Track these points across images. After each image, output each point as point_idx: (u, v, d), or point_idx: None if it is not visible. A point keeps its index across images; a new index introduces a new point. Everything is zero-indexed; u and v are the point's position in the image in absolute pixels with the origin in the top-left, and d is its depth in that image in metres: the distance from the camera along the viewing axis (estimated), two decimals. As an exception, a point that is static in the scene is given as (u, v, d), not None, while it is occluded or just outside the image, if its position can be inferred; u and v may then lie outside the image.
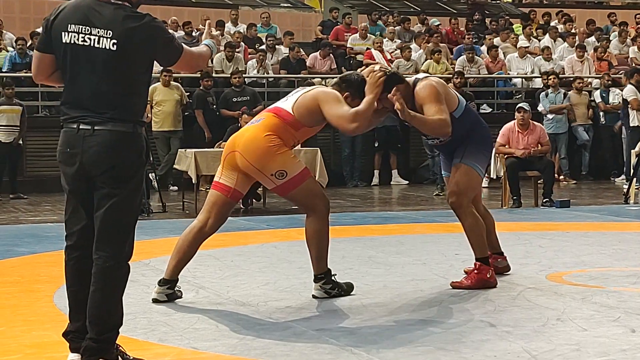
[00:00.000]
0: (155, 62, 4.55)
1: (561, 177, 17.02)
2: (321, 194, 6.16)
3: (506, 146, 12.77)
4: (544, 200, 12.53)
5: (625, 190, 13.57)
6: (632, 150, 14.44)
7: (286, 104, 6.20)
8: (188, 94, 16.29)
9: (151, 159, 13.03)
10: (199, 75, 16.38)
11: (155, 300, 6.05)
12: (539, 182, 12.97)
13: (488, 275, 6.48)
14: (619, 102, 17.28)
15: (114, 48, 4.33)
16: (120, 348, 4.47)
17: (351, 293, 6.21)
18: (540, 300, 6.02)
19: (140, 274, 6.98)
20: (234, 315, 5.63)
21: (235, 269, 7.37)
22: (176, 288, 6.15)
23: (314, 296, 6.14)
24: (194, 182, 12.53)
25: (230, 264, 7.61)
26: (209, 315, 5.62)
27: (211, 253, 8.10)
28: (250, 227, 10.42)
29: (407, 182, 17.08)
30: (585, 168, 17.84)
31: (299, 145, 6.34)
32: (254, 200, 13.35)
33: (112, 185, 4.36)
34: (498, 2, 26.60)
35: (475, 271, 6.49)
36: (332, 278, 6.20)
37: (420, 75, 6.70)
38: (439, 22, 21.58)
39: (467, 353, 4.66)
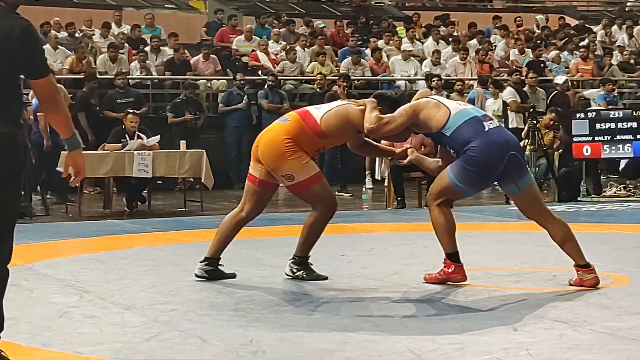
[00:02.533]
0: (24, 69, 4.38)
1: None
2: (327, 198, 6.70)
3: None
4: (428, 201, 12.66)
5: (506, 191, 13.81)
6: (513, 152, 14.70)
7: (317, 112, 6.69)
8: (71, 95, 16.03)
9: (33, 160, 12.78)
10: (82, 77, 16.16)
11: (196, 275, 6.75)
12: (422, 183, 13.12)
13: (455, 274, 6.58)
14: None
15: None
16: (3, 353, 4.38)
17: (320, 280, 6.71)
18: (424, 299, 6.10)
19: (22, 278, 6.85)
20: (118, 319, 5.56)
21: (120, 272, 7.29)
22: (220, 266, 6.81)
23: (285, 273, 6.81)
24: (77, 184, 12.33)
25: (115, 267, 7.52)
26: (94, 320, 5.54)
27: (95, 256, 8.01)
28: (135, 229, 10.31)
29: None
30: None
31: (316, 153, 6.94)
32: (139, 202, 13.22)
33: (-10, 187, 4.26)
34: (382, 5, 26.84)
35: (446, 266, 6.62)
36: (306, 263, 6.83)
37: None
38: (324, 25, 21.69)
39: (352, 353, 4.69)
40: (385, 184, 13.31)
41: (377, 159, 14.06)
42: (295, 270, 6.80)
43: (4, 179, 4.29)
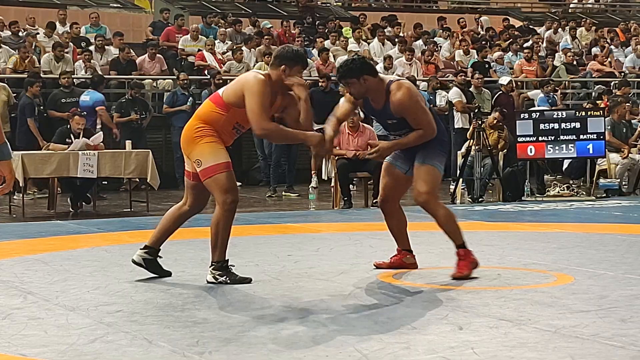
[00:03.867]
0: None
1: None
2: (230, 189, 6.47)
3: (337, 148, 12.92)
4: (374, 201, 12.73)
5: (452, 191, 13.92)
6: (458, 152, 14.82)
7: (222, 88, 6.64)
8: (15, 94, 15.87)
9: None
10: (25, 77, 16.00)
11: (133, 261, 6.81)
12: (369, 183, 13.17)
13: (473, 257, 6.81)
14: (446, 104, 17.73)
15: None
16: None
17: (245, 283, 6.58)
18: (371, 299, 6.11)
19: (-35, 280, 6.78)
20: (63, 321, 5.51)
21: (65, 273, 7.23)
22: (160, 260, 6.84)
23: (207, 281, 6.61)
24: (21, 185, 12.23)
25: (60, 268, 7.46)
26: (38, 321, 5.49)
27: (39, 257, 7.93)
28: (80, 230, 10.24)
29: (240, 183, 17.04)
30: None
31: (233, 133, 6.64)
32: (83, 203, 13.13)
33: None
34: (328, 5, 26.89)
35: (462, 258, 6.77)
36: (226, 266, 6.63)
37: (393, 77, 7.01)
38: (270, 25, 21.68)
39: (300, 354, 4.69)
40: (332, 184, 13.34)
41: (324, 160, 14.07)
42: (217, 276, 6.62)
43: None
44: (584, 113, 14.26)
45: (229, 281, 6.59)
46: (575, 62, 21.82)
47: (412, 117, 6.69)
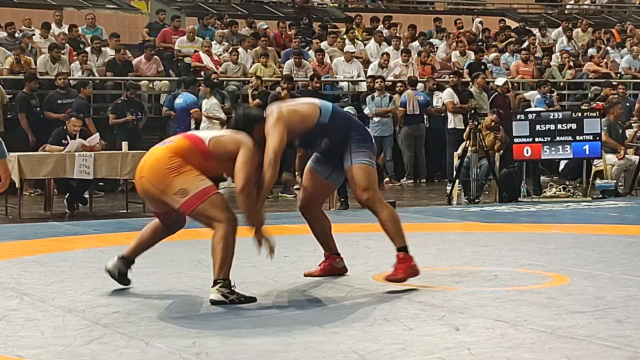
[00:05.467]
0: None
1: (386, 179, 17.33)
2: (229, 206, 6.12)
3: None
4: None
5: (448, 192, 13.93)
6: (455, 152, 14.83)
7: (203, 133, 6.33)
8: (10, 96, 15.86)
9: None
10: (23, 77, 16.00)
11: (107, 271, 6.50)
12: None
13: (413, 263, 6.55)
14: (442, 105, 17.75)
15: None
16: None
17: (250, 303, 6.04)
18: (367, 300, 6.12)
19: (-39, 281, 6.78)
20: (59, 322, 5.51)
21: (61, 274, 7.23)
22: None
23: (213, 300, 5.98)
24: (17, 186, 12.22)
25: (56, 269, 7.46)
26: (34, 323, 5.49)
27: (36, 259, 7.93)
28: (76, 232, 10.23)
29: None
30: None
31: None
32: (80, 204, 13.12)
33: None
34: (324, 6, 26.88)
35: (400, 262, 6.54)
36: (232, 285, 6.07)
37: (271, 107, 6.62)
38: (267, 26, 21.67)
39: (296, 354, 4.69)
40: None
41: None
42: (227, 294, 6.00)
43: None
44: (580, 114, 14.27)
45: (242, 300, 6.03)
46: (571, 63, 21.82)
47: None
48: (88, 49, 18.36)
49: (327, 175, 6.89)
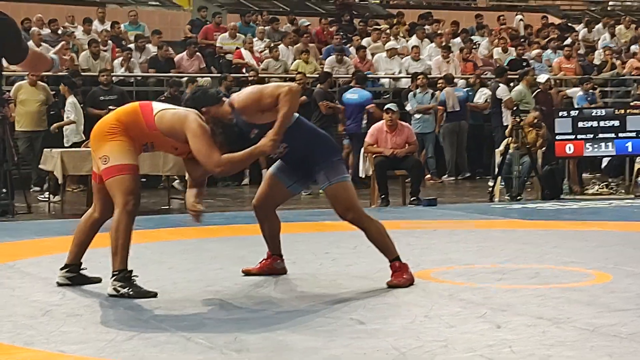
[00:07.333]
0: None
1: (427, 176, 17.27)
2: (133, 192, 6.07)
3: (375, 146, 12.94)
4: (412, 199, 12.71)
5: (490, 189, 13.87)
6: (497, 150, 14.77)
7: (159, 105, 6.31)
8: (54, 92, 15.98)
9: (15, 158, 12.74)
10: (67, 73, 16.10)
11: (58, 284, 6.44)
12: (406, 181, 13.15)
13: (409, 271, 6.52)
14: (485, 101, 17.67)
15: None
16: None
17: (150, 297, 6.05)
18: (408, 297, 6.11)
19: (5, 276, 6.84)
20: (101, 317, 5.55)
21: (103, 270, 7.24)
22: (83, 272, 6.50)
23: (108, 294, 6.07)
24: (60, 182, 12.31)
25: (98, 265, 7.47)
26: (77, 318, 5.53)
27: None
28: (118, 227, 10.26)
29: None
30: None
31: (141, 148, 6.23)
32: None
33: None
34: (366, 3, 26.86)
35: (397, 270, 6.48)
36: (128, 277, 6.12)
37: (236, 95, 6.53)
38: (308, 22, 21.68)
39: (337, 350, 4.69)
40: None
41: (362, 156, 14.08)
42: (119, 288, 6.06)
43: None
44: (623, 111, 14.14)
45: (132, 293, 6.03)
46: (614, 60, 21.63)
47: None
48: (132, 46, 18.44)
49: (289, 184, 6.77)
